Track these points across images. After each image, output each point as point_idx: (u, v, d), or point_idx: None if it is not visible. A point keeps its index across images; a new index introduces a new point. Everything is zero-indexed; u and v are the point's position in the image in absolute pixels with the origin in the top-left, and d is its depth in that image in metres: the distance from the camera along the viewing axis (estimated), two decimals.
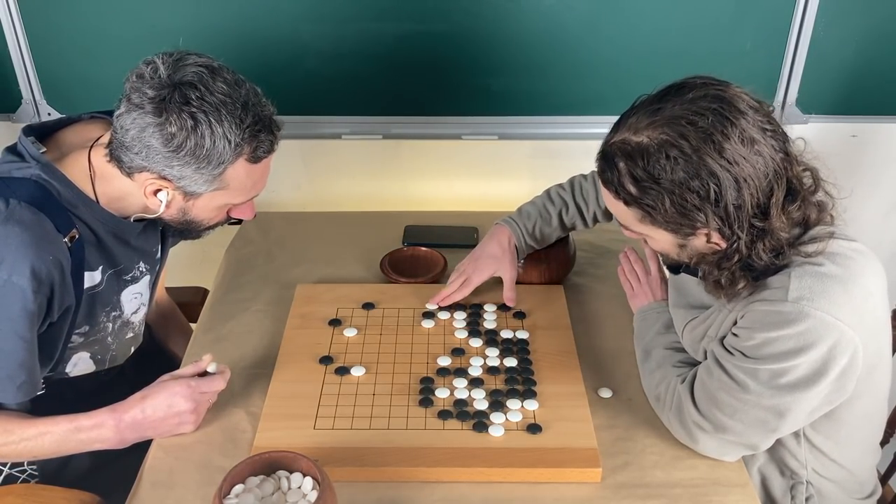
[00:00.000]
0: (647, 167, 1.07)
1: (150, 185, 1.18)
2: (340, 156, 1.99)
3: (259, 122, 1.16)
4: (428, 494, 1.17)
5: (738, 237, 1.09)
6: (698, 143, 1.04)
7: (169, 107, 1.11)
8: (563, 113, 1.91)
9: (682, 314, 1.32)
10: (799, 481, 1.27)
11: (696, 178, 1.05)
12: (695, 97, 1.07)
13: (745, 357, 1.14)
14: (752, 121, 1.06)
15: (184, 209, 1.24)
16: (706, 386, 1.18)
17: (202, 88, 1.11)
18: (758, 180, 1.06)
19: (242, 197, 1.24)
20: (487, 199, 2.00)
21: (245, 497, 1.04)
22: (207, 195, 1.21)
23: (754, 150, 1.05)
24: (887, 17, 1.79)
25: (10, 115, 1.90)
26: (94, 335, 1.33)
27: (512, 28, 1.80)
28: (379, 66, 1.85)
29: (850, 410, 1.19)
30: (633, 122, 1.10)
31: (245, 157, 1.17)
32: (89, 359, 1.35)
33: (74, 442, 1.21)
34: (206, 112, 1.11)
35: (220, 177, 1.17)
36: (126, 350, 1.43)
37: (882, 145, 1.99)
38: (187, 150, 1.13)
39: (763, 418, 1.14)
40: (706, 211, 1.07)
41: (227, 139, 1.13)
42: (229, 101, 1.12)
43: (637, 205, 1.11)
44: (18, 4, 1.76)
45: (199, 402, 1.24)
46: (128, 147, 1.15)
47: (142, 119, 1.12)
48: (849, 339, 1.08)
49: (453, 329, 1.47)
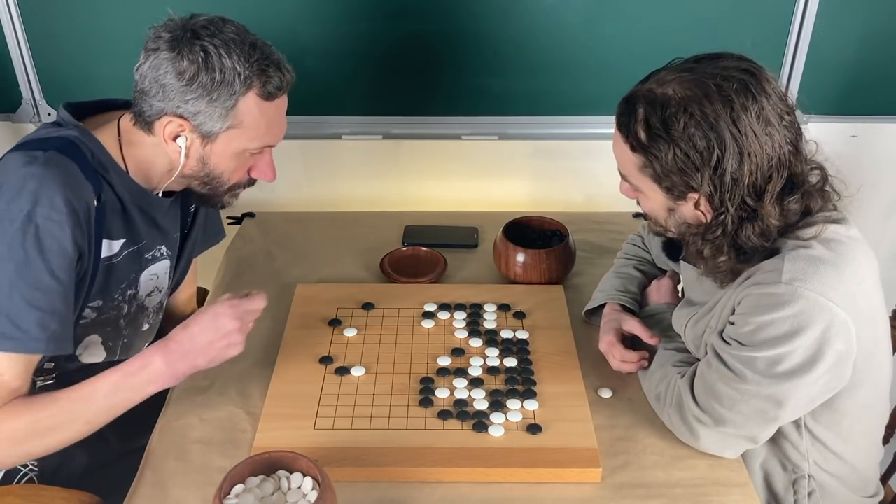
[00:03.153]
0: (664, 116, 1.10)
1: (168, 127, 1.21)
2: (340, 156, 1.99)
3: (267, 58, 1.21)
4: (428, 494, 1.17)
5: (727, 210, 1.11)
6: (718, 107, 1.08)
7: (182, 43, 1.17)
8: (563, 113, 1.91)
9: (685, 312, 1.33)
10: (801, 475, 1.27)
11: (704, 138, 1.08)
12: (728, 65, 1.11)
13: (742, 345, 1.15)
14: (773, 105, 1.10)
15: (203, 157, 1.25)
16: (705, 379, 1.19)
17: (213, 28, 1.19)
18: (761, 161, 1.09)
19: (257, 141, 1.26)
20: (487, 199, 2.00)
21: (245, 497, 1.04)
22: (223, 137, 1.23)
23: (766, 131, 1.09)
24: (887, 17, 1.80)
25: (10, 115, 1.91)
26: (107, 313, 1.32)
27: (512, 28, 1.80)
28: (379, 66, 1.85)
29: (851, 400, 1.20)
30: (663, 76, 1.13)
31: (256, 91, 1.21)
32: (100, 344, 1.34)
33: (127, 390, 1.18)
34: (217, 46, 1.18)
35: (232, 111, 1.20)
36: (139, 343, 1.42)
37: (882, 145, 1.99)
38: (199, 81, 1.18)
39: (762, 408, 1.15)
40: (704, 173, 1.10)
41: (236, 70, 1.18)
42: (238, 40, 1.19)
43: (642, 151, 1.13)
44: (18, 4, 1.76)
45: (244, 321, 1.22)
46: (146, 92, 1.20)
47: (157, 60, 1.18)
48: (842, 321, 1.09)
49: (453, 329, 1.47)
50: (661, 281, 1.49)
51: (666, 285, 1.48)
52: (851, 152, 1.97)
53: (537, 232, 1.67)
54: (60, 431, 1.17)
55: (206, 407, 1.32)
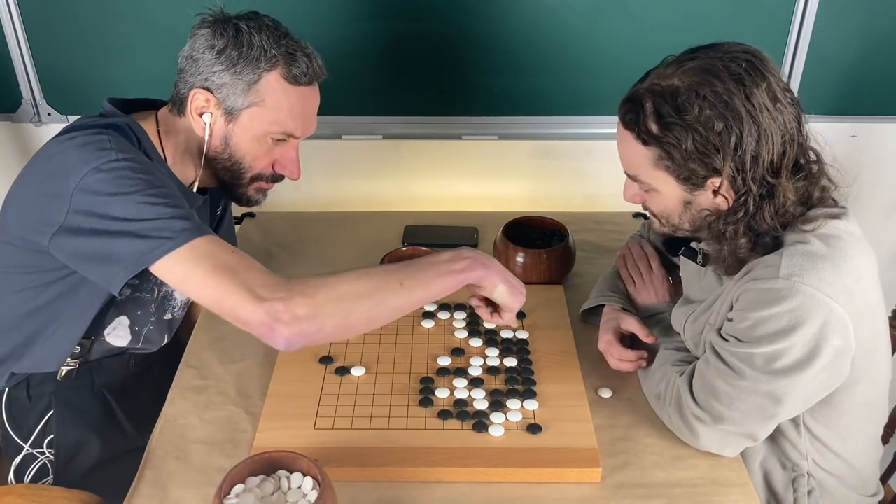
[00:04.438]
0: (676, 104, 1.10)
1: (195, 99, 1.26)
2: (340, 156, 1.99)
3: (297, 47, 1.26)
4: (428, 494, 1.17)
5: (749, 190, 1.12)
6: (730, 84, 1.08)
7: (219, 23, 1.25)
8: (563, 113, 1.91)
9: (684, 310, 1.33)
10: (800, 474, 1.27)
11: (721, 118, 1.08)
12: (729, 49, 1.12)
13: (740, 342, 1.15)
14: (778, 82, 1.11)
15: (226, 136, 1.28)
16: (704, 376, 1.19)
17: (252, 14, 1.27)
18: (776, 136, 1.10)
19: (279, 125, 1.28)
20: (487, 199, 2.00)
21: (245, 497, 1.04)
22: (246, 114, 1.26)
23: (777, 107, 1.10)
24: (887, 17, 1.80)
25: (10, 116, 1.91)
26: (140, 293, 1.35)
27: (512, 28, 1.80)
28: (379, 66, 1.85)
29: (849, 398, 1.20)
30: (662, 71, 1.14)
31: (280, 72, 1.25)
32: (128, 327, 1.37)
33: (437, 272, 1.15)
34: (250, 27, 1.24)
35: (255, 86, 1.24)
36: (159, 336, 1.44)
37: (882, 145, 1.99)
38: (227, 54, 1.23)
39: (760, 405, 1.15)
40: (726, 154, 1.09)
41: (263, 48, 1.23)
42: (273, 27, 1.26)
43: (657, 143, 1.13)
44: (18, 4, 1.76)
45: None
46: (183, 71, 1.27)
47: (195, 39, 1.26)
48: (839, 316, 1.09)
49: (453, 329, 1.47)
50: (648, 281, 1.48)
51: (655, 285, 1.47)
52: (851, 152, 1.97)
53: (537, 232, 1.67)
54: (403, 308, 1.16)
55: (206, 407, 1.32)
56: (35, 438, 1.37)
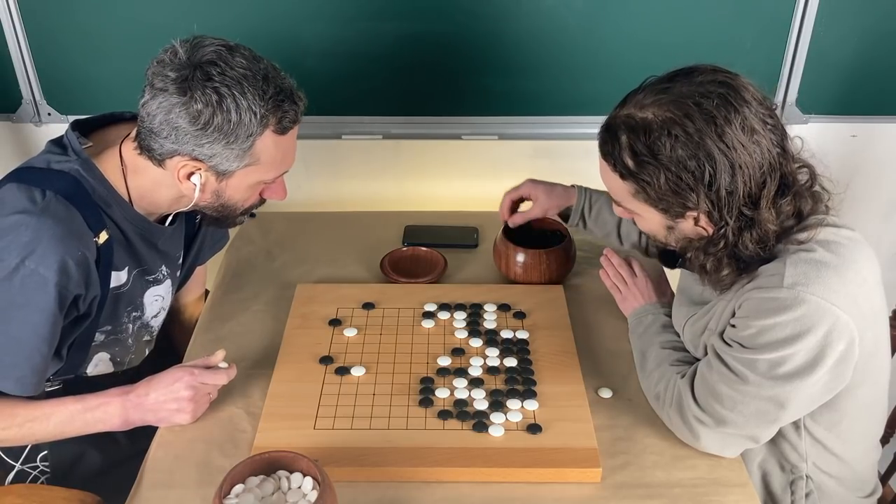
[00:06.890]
0: (649, 142, 1.09)
1: (182, 168, 1.19)
2: (340, 156, 1.99)
3: (281, 92, 1.17)
4: (428, 494, 1.17)
5: (727, 223, 1.12)
6: (701, 125, 1.07)
7: (192, 85, 1.12)
8: (563, 113, 1.91)
9: (684, 311, 1.33)
10: (799, 476, 1.27)
11: (693, 158, 1.08)
12: (703, 80, 1.10)
13: (743, 348, 1.14)
14: (754, 112, 1.09)
15: (217, 191, 1.24)
16: (706, 380, 1.19)
17: (222, 65, 1.13)
18: (752, 170, 1.09)
19: (273, 172, 1.25)
20: (487, 199, 1.99)
21: (245, 497, 1.04)
22: (240, 172, 1.21)
23: (753, 139, 1.08)
24: (887, 17, 1.79)
25: (10, 116, 1.91)
26: (116, 335, 1.34)
27: (512, 28, 1.80)
28: (379, 66, 1.85)
29: (850, 400, 1.20)
30: (640, 99, 1.12)
31: (272, 129, 1.18)
32: (109, 360, 1.37)
33: (80, 422, 1.21)
34: (229, 86, 1.13)
35: (249, 151, 1.18)
36: (141, 353, 1.45)
37: (882, 145, 1.99)
38: (215, 126, 1.14)
39: (763, 409, 1.15)
40: (699, 192, 1.09)
41: (252, 111, 1.14)
42: (250, 75, 1.14)
43: (633, 179, 1.13)
44: (18, 4, 1.76)
45: (199, 392, 1.24)
46: (156, 133, 1.16)
47: (167, 101, 1.13)
48: (844, 324, 1.09)
49: (453, 329, 1.47)
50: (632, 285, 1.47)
51: (640, 287, 1.47)
52: (851, 152, 1.97)
53: (537, 232, 1.67)
54: (13, 440, 1.21)
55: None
56: (27, 455, 1.35)
